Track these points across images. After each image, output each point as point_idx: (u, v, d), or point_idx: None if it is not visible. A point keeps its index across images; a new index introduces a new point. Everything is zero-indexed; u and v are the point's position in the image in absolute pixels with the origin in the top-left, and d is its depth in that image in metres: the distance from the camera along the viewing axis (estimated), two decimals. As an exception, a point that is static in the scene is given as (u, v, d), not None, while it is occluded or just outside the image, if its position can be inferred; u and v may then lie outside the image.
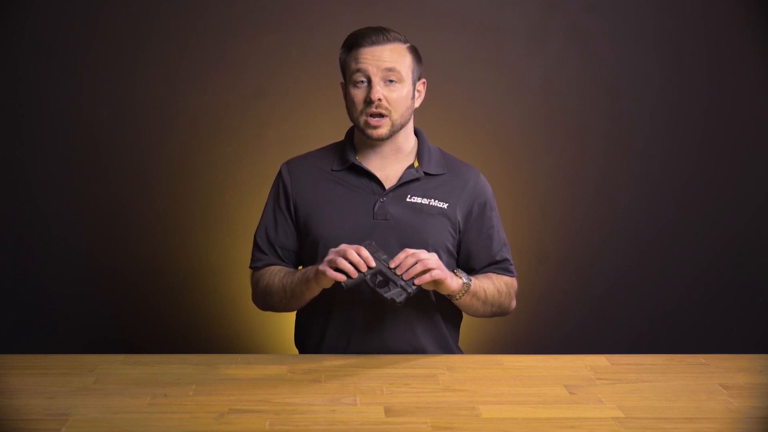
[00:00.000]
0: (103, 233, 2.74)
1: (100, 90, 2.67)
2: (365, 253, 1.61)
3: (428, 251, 1.67)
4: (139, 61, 2.67)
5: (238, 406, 1.43)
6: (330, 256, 1.63)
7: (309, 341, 1.86)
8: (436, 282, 1.65)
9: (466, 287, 1.71)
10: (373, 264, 1.61)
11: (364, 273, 1.60)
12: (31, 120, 2.67)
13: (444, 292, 1.70)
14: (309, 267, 1.73)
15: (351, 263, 1.60)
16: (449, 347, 1.85)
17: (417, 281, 1.60)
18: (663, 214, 2.84)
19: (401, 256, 1.62)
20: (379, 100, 1.72)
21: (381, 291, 1.60)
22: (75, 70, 2.66)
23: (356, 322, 1.78)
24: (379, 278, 1.61)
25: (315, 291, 1.73)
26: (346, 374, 1.59)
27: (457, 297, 1.71)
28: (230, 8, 2.68)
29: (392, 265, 1.61)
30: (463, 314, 1.90)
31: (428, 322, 1.81)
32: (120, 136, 2.70)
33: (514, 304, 1.87)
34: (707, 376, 1.63)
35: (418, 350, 1.79)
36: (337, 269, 1.61)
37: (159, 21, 2.66)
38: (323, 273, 1.63)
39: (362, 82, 1.74)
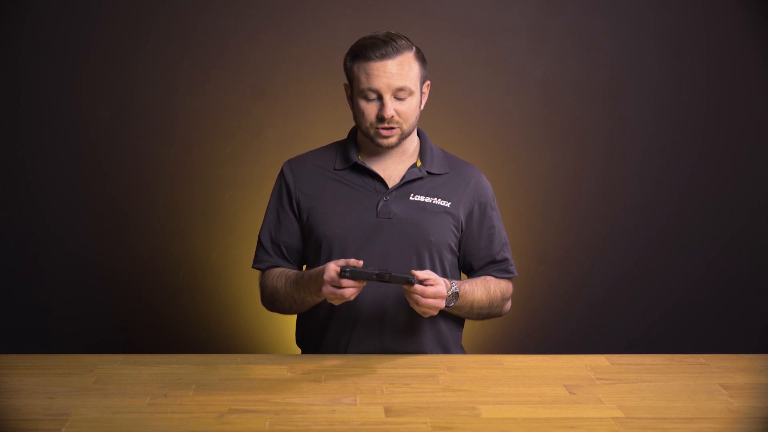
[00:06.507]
0: (103, 233, 2.74)
1: (100, 90, 2.67)
2: (352, 262, 1.58)
3: (431, 249, 1.75)
4: (139, 61, 2.67)
5: (238, 406, 1.43)
6: (328, 289, 1.60)
7: (309, 341, 1.87)
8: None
9: (448, 302, 1.69)
10: (359, 263, 1.59)
11: (369, 276, 1.59)
12: (31, 120, 2.67)
13: None
14: (312, 274, 1.69)
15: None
16: (449, 347, 1.85)
17: (420, 313, 1.64)
18: (663, 214, 2.84)
19: (428, 277, 1.60)
20: (392, 117, 1.72)
21: (391, 281, 1.58)
22: (75, 70, 2.66)
23: (356, 323, 1.78)
24: (385, 276, 1.60)
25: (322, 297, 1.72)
26: (346, 374, 1.59)
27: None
28: (230, 8, 2.68)
29: (421, 277, 1.59)
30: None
31: (428, 322, 1.81)
32: (120, 136, 2.70)
33: (508, 306, 1.88)
34: (707, 376, 1.63)
35: (418, 350, 1.79)
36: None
37: (159, 21, 2.66)
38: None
39: (373, 97, 1.73)
